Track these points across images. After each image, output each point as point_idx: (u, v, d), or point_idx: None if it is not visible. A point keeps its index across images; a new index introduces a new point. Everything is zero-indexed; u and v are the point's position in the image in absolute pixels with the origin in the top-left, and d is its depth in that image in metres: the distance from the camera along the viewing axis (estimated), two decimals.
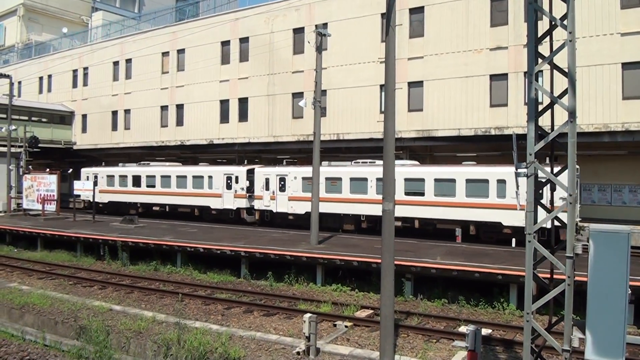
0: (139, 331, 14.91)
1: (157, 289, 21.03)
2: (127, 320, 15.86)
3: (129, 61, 47.63)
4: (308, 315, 12.99)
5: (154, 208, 39.54)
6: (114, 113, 49.08)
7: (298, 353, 12.95)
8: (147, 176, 39.04)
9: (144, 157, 50.11)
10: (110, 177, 41.04)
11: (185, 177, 36.72)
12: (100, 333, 14.51)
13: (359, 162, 30.03)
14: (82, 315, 16.51)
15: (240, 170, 33.90)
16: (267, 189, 32.48)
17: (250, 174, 33.51)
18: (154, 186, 38.29)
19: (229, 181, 34.18)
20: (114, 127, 49.13)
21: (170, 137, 44.21)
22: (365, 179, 28.32)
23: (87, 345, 14.34)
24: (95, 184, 37.82)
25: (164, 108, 45.01)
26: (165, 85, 44.78)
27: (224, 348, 13.09)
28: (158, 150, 46.47)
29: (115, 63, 48.73)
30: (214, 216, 35.84)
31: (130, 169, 40.62)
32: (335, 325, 15.85)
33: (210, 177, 35.37)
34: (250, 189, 33.34)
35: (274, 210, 32.28)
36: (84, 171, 43.30)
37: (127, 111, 48.01)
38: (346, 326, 15.69)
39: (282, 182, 31.77)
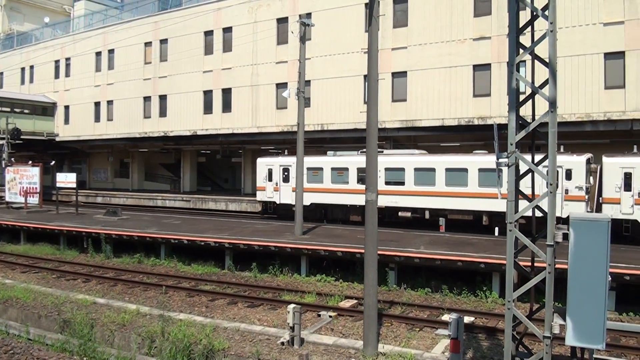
0: (123, 324, 14.83)
1: (141, 281, 20.93)
2: (111, 313, 15.76)
3: (111, 51, 47.16)
4: (292, 305, 13.02)
5: (402, 214, 27.15)
6: (97, 104, 48.62)
7: (282, 343, 12.98)
8: (388, 169, 27.47)
9: (127, 149, 49.89)
10: (315, 171, 30.19)
11: (465, 170, 25.35)
12: (84, 326, 14.44)
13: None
14: (66, 308, 16.38)
15: None
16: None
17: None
18: (401, 183, 27.07)
19: None
20: (97, 118, 48.66)
21: (154, 128, 43.87)
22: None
23: (71, 338, 14.26)
24: (284, 179, 31.08)
25: (146, 99, 44.65)
26: (148, 76, 44.41)
27: (209, 340, 13.08)
28: (141, 141, 46.16)
29: (98, 53, 48.24)
30: None
31: (350, 159, 29.15)
32: (319, 316, 15.90)
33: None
34: None
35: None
36: (262, 162, 32.77)
37: (109, 102, 47.55)
38: (330, 316, 15.75)
39: (286, 173, 30.81)
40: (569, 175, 22.87)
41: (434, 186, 25.64)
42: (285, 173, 30.84)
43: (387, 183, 26.91)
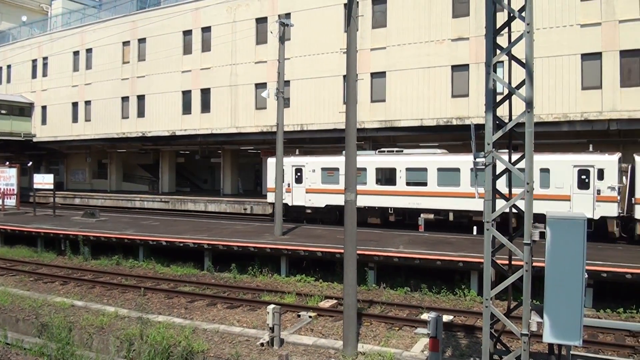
0: (101, 327, 14.66)
1: (120, 283, 20.71)
2: (89, 316, 15.56)
3: (89, 51, 46.64)
4: (272, 306, 12.98)
5: (424, 217, 26.03)
6: (75, 104, 48.03)
7: (262, 344, 12.94)
8: (409, 169, 26.62)
9: (105, 150, 49.31)
10: (330, 171, 28.96)
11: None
12: (62, 330, 14.22)
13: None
14: (44, 312, 16.12)
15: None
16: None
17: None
18: (424, 183, 26.14)
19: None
20: (75, 118, 48.07)
21: (132, 128, 43.46)
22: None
23: (49, 342, 14.04)
24: (296, 180, 30.02)
25: (125, 99, 44.24)
26: (126, 76, 44.00)
27: (188, 342, 12.98)
28: (119, 142, 45.72)
29: (76, 53, 47.67)
30: None
31: (369, 158, 27.64)
32: (299, 316, 15.89)
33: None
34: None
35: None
36: (273, 162, 28.70)
37: (87, 102, 47.01)
38: (310, 316, 15.74)
39: (299, 173, 29.56)
40: (600, 175, 22.04)
41: (459, 187, 24.70)
42: (298, 174, 29.64)
43: (408, 184, 26.33)
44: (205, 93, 39.28)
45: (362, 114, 31.31)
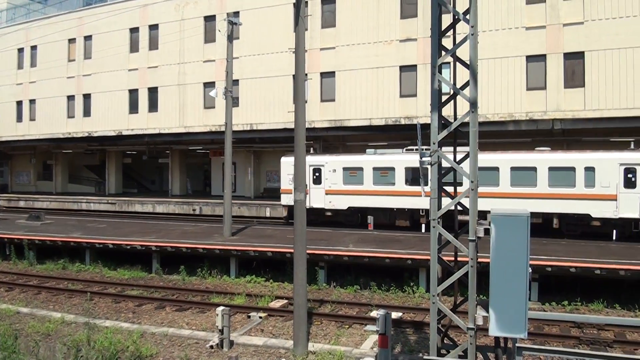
0: (48, 334, 14.30)
1: (66, 288, 20.08)
2: (35, 322, 15.16)
3: (34, 48, 45.11)
4: (221, 308, 12.88)
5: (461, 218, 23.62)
6: (19, 103, 46.36)
7: (211, 347, 12.83)
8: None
9: (50, 150, 47.73)
10: (353, 171, 26.85)
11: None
12: (7, 338, 13.78)
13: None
14: None
15: None
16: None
17: None
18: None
19: None
20: (19, 118, 46.39)
21: (78, 128, 42.26)
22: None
23: None
24: (314, 180, 27.80)
25: (70, 98, 42.98)
26: (71, 74, 42.77)
27: (136, 346, 12.79)
28: (65, 142, 44.37)
29: (20, 50, 46.02)
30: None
31: (397, 157, 26.07)
32: (249, 317, 15.81)
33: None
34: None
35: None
36: (287, 161, 28.49)
37: (32, 101, 45.44)
38: (260, 317, 15.68)
39: (317, 174, 27.64)
40: None
41: (498, 187, 23.44)
42: (317, 174, 27.68)
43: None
44: (153, 92, 38.57)
45: (312, 114, 31.40)
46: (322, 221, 27.49)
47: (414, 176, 24.90)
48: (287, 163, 27.97)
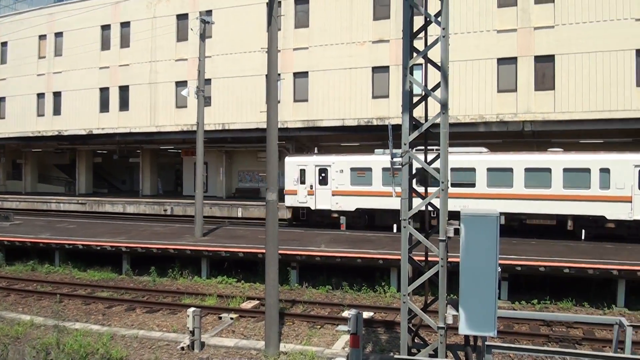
0: (16, 337, 14.00)
1: (35, 290, 19.64)
2: (3, 325, 14.81)
3: (4, 44, 44.18)
4: (192, 309, 12.77)
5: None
6: None
7: (182, 348, 12.72)
8: (455, 169, 22.58)
9: (19, 149, 46.71)
10: (361, 172, 26.04)
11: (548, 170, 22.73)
12: None
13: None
14: None
15: None
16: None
17: None
18: (472, 184, 23.67)
19: None
20: None
21: (47, 127, 41.48)
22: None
23: None
24: (320, 181, 27.06)
25: (40, 96, 42.20)
26: (42, 72, 41.99)
27: (106, 349, 12.59)
28: (34, 141, 43.51)
29: None
30: None
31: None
32: (220, 318, 15.70)
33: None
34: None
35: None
36: (292, 161, 28.01)
37: (1, 99, 44.44)
38: (232, 318, 15.59)
39: (323, 174, 26.90)
40: None
41: (511, 188, 22.97)
42: (323, 174, 26.89)
43: (457, 185, 23.02)
44: (124, 90, 38.09)
45: (285, 114, 31.35)
46: (328, 223, 27.08)
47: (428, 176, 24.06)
48: (292, 163, 27.43)
